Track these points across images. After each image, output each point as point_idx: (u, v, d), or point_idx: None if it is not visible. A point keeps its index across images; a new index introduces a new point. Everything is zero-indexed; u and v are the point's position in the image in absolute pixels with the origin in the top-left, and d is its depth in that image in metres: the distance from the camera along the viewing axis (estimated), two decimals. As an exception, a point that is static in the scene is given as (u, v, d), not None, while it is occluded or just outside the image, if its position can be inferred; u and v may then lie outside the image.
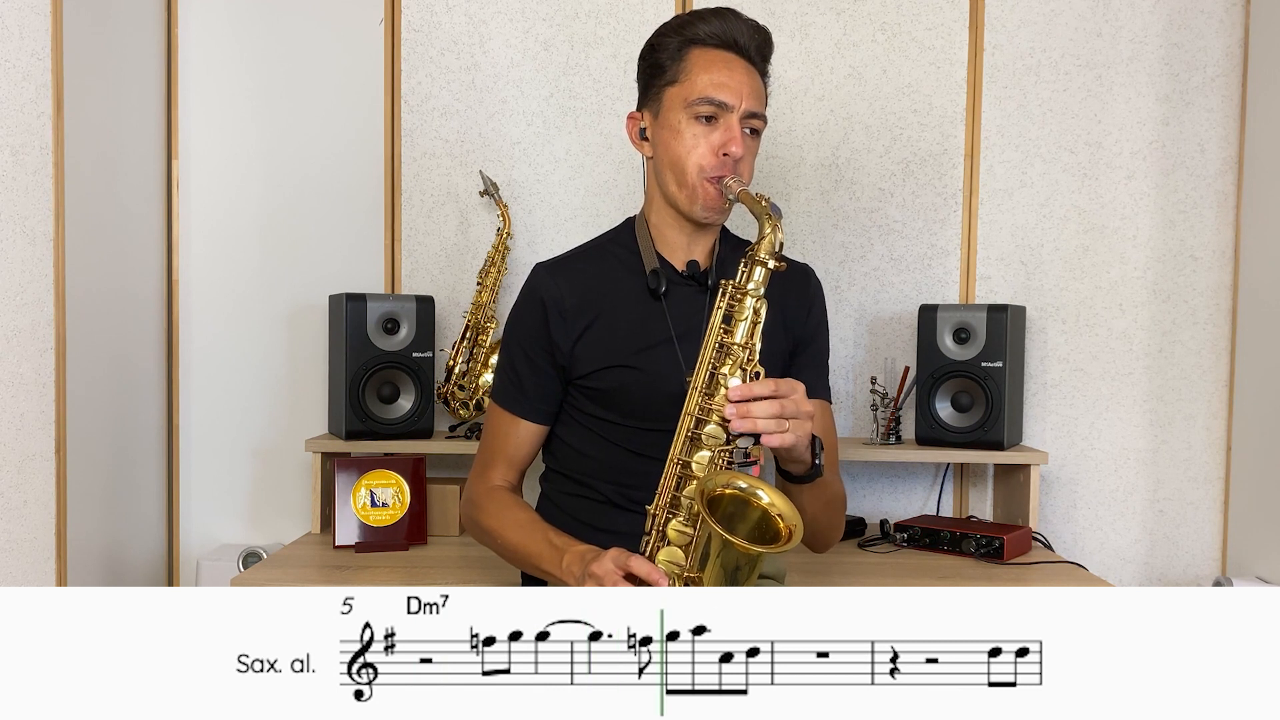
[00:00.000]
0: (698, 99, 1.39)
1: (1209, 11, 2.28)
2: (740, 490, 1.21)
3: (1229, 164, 2.28)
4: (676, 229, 1.49)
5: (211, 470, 2.36)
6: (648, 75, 1.47)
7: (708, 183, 1.40)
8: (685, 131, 1.40)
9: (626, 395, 1.45)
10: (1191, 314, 2.31)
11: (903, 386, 2.24)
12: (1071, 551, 2.31)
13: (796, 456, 1.26)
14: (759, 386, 1.21)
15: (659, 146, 1.45)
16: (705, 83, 1.39)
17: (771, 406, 1.20)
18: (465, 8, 2.31)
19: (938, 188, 2.32)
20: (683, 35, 1.42)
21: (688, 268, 1.49)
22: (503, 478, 1.53)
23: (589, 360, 1.46)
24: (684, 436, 1.27)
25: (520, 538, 1.43)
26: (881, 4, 2.31)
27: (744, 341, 1.27)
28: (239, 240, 2.34)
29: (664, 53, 1.43)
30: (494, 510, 1.48)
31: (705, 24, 1.41)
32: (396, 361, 2.11)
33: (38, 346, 1.81)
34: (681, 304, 1.47)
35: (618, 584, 1.18)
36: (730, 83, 1.39)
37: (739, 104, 1.39)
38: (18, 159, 1.76)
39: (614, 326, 1.47)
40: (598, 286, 1.49)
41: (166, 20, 2.30)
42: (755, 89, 1.42)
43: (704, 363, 1.28)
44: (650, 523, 1.27)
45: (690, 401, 1.27)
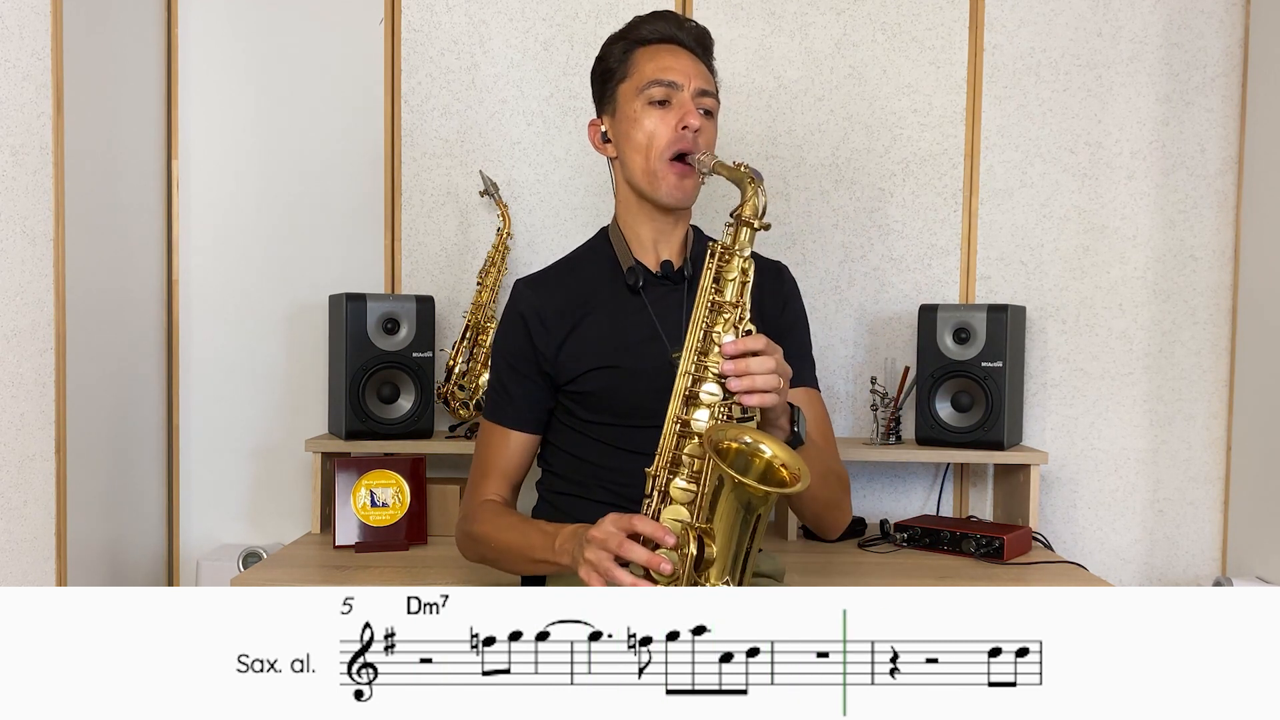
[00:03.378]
0: (649, 83, 1.45)
1: (1209, 11, 2.28)
2: (745, 445, 1.21)
3: (1229, 164, 2.28)
4: (648, 225, 1.52)
5: (211, 470, 2.36)
6: (600, 81, 1.54)
7: (670, 165, 1.44)
8: (642, 118, 1.45)
9: (614, 395, 1.47)
10: (1191, 314, 2.31)
11: (903, 386, 2.24)
12: (1071, 551, 2.31)
13: (775, 419, 1.27)
14: (753, 342, 1.23)
15: (620, 140, 1.50)
16: (654, 69, 1.46)
17: (767, 362, 1.22)
18: (465, 8, 2.31)
19: (938, 188, 2.32)
20: (627, 39, 1.51)
21: (662, 268, 1.52)
22: (495, 492, 1.54)
23: (574, 364, 1.49)
24: (682, 396, 1.28)
25: (512, 536, 1.44)
26: (881, 4, 2.31)
27: (734, 300, 1.29)
28: (239, 240, 2.34)
29: (611, 58, 1.51)
30: (485, 518, 1.50)
31: (646, 25, 1.50)
32: (396, 361, 2.11)
33: (38, 346, 1.81)
34: (659, 303, 1.49)
35: (622, 545, 1.16)
36: (677, 65, 1.46)
37: (688, 83, 1.45)
38: (18, 159, 1.76)
39: (596, 329, 1.49)
40: (577, 293, 1.52)
41: (166, 20, 2.30)
42: (702, 72, 1.48)
43: (697, 321, 1.30)
44: (651, 484, 1.27)
45: (685, 361, 1.29)
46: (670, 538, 1.16)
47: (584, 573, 1.21)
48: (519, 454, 1.55)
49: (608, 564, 1.17)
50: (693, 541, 1.15)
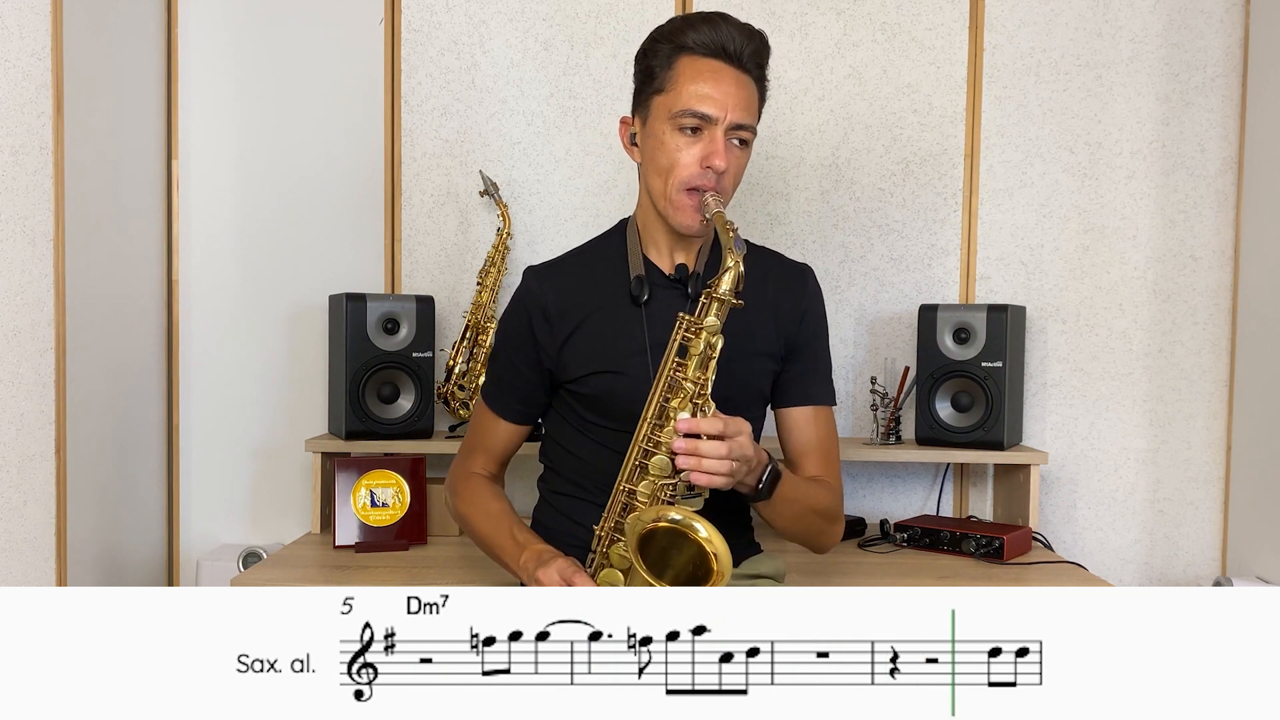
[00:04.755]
0: (681, 110, 1.37)
1: (1209, 11, 2.28)
2: (675, 524, 1.24)
3: (1229, 164, 2.28)
4: (664, 233, 1.49)
5: (211, 470, 2.36)
6: (640, 80, 1.46)
7: (687, 194, 1.39)
8: (669, 142, 1.39)
9: (612, 399, 1.46)
10: (1191, 314, 2.31)
11: (903, 386, 2.24)
12: (1071, 551, 2.31)
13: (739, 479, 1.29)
14: (707, 424, 1.23)
15: (646, 154, 1.45)
16: (690, 94, 1.37)
17: (719, 447, 1.23)
18: (465, 8, 2.31)
19: (938, 188, 2.32)
20: (674, 42, 1.40)
21: (676, 271, 1.50)
22: (483, 467, 1.60)
23: (575, 364, 1.48)
24: (633, 464, 1.32)
25: (488, 528, 1.50)
26: (881, 4, 2.31)
27: (695, 377, 1.29)
28: (239, 240, 2.34)
29: (655, 59, 1.42)
30: (469, 497, 1.56)
31: (696, 32, 1.39)
32: (396, 361, 2.11)
33: (38, 346, 1.81)
34: (667, 309, 1.46)
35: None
36: (716, 94, 1.37)
37: (724, 116, 1.37)
38: (18, 159, 1.76)
39: (600, 331, 1.48)
40: (585, 290, 1.50)
41: (166, 20, 2.30)
42: (743, 100, 1.39)
43: (656, 394, 1.31)
44: (596, 543, 1.34)
45: (639, 432, 1.31)
46: None
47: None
48: (505, 440, 1.59)
49: None
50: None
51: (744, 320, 1.39)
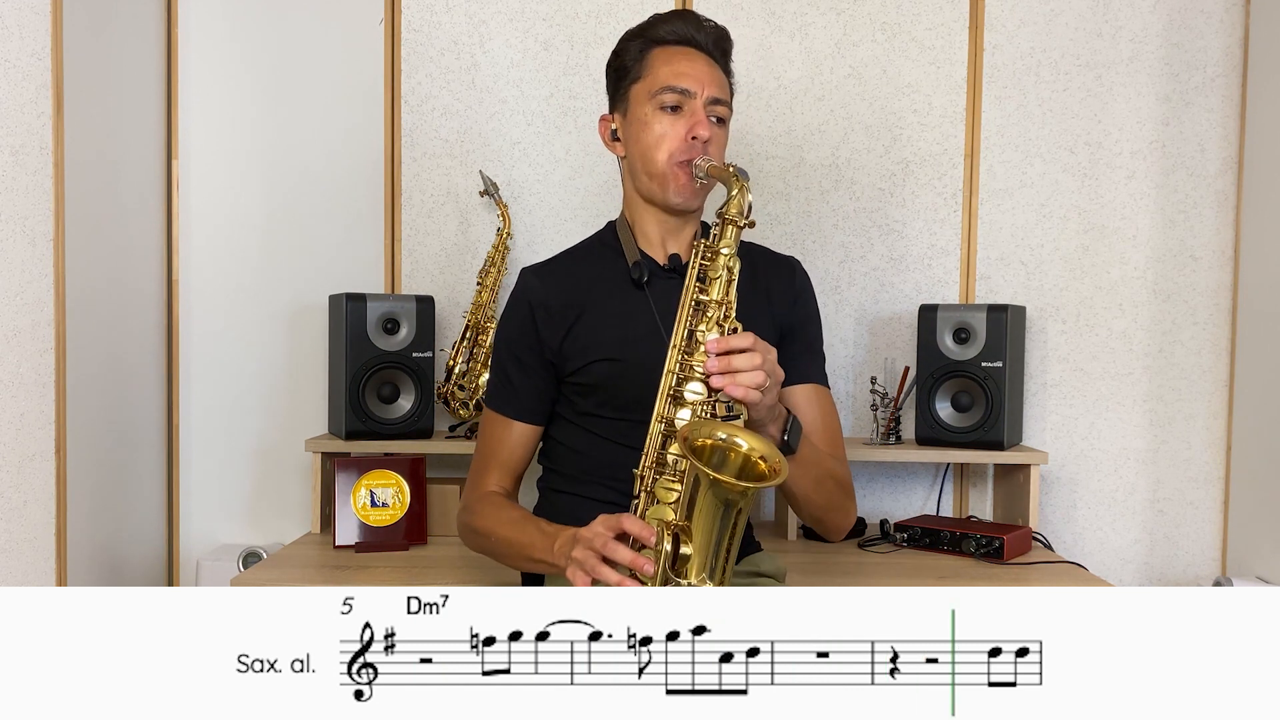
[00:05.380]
0: (661, 88, 1.44)
1: (1209, 11, 2.28)
2: (720, 440, 1.19)
3: (1229, 164, 2.28)
4: (655, 223, 1.52)
5: (211, 470, 2.36)
6: (614, 79, 1.53)
7: (678, 167, 1.44)
8: (653, 122, 1.45)
9: (615, 387, 1.47)
10: (1191, 314, 2.31)
11: (903, 386, 2.24)
12: (1071, 551, 2.31)
13: (765, 424, 1.27)
14: (737, 339, 1.23)
15: (630, 143, 1.49)
16: (667, 73, 1.45)
17: (753, 358, 1.21)
18: (465, 8, 2.31)
19: (937, 188, 2.32)
20: (644, 38, 1.49)
21: (669, 261, 1.51)
22: (497, 484, 1.55)
23: (577, 355, 1.49)
24: (666, 395, 1.28)
25: (512, 532, 1.44)
26: (881, 4, 2.31)
27: (719, 298, 1.29)
28: (239, 240, 2.34)
29: (628, 56, 1.50)
30: (487, 512, 1.50)
31: (665, 25, 1.48)
32: (396, 361, 2.11)
33: (38, 346, 1.81)
34: (665, 296, 1.48)
35: (606, 545, 1.17)
36: (691, 71, 1.45)
37: (701, 90, 1.44)
38: (18, 159, 1.76)
39: (600, 320, 1.49)
40: (582, 283, 1.53)
41: (166, 20, 2.30)
42: (717, 79, 1.47)
43: (681, 320, 1.30)
44: (638, 484, 1.28)
45: (670, 359, 1.29)
46: (653, 536, 1.16)
47: (570, 572, 1.21)
48: (521, 444, 1.55)
49: (594, 562, 1.18)
50: (668, 540, 1.14)
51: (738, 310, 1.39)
